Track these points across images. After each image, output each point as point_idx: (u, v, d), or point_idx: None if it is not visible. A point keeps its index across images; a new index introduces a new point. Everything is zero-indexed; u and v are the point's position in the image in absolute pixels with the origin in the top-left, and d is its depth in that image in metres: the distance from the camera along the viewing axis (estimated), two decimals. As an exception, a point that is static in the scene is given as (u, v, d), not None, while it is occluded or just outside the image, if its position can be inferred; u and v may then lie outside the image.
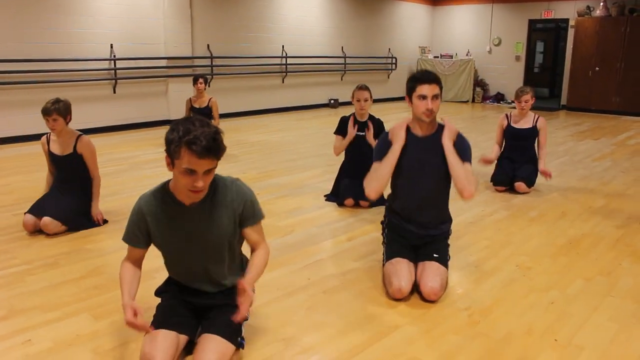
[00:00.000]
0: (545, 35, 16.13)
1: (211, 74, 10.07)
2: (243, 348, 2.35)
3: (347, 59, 12.95)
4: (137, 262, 2.38)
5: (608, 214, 4.64)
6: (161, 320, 2.29)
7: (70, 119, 4.14)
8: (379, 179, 2.99)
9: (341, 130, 4.72)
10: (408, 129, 3.05)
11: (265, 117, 10.96)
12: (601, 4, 12.36)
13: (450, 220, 3.24)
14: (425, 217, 3.10)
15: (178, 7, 9.42)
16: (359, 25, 13.33)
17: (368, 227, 4.19)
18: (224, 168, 6.05)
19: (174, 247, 2.30)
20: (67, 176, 4.17)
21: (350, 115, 4.71)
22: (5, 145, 7.51)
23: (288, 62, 11.61)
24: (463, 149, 2.98)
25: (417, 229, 3.12)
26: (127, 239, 2.32)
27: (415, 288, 3.01)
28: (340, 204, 4.70)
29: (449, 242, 3.22)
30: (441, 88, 2.96)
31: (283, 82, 11.66)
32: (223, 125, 7.47)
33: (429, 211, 3.10)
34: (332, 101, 12.55)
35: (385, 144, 3.04)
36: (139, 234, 2.29)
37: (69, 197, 4.09)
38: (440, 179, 3.04)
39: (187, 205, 2.20)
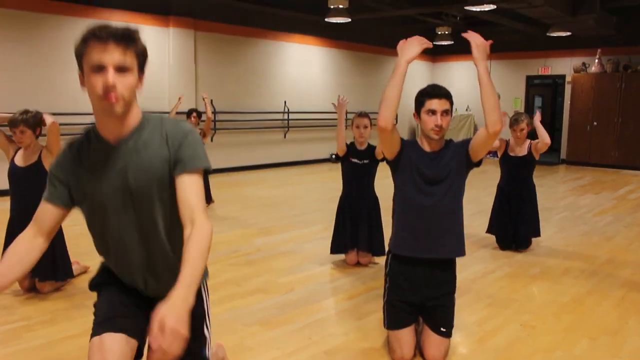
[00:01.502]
0: (543, 91, 16.40)
1: (214, 129, 10.20)
2: None
3: (348, 114, 13.10)
4: (41, 231, 1.80)
5: (612, 270, 4.61)
6: (104, 320, 1.84)
7: (40, 132, 3.75)
8: (387, 104, 2.69)
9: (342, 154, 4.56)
10: (416, 144, 2.89)
11: (267, 171, 11.04)
12: (596, 60, 12.64)
13: (463, 246, 2.92)
14: (434, 234, 2.84)
15: (183, 63, 9.65)
16: (360, 81, 13.59)
17: (370, 285, 4.15)
18: (226, 222, 6.06)
19: (100, 203, 1.78)
20: (24, 200, 3.71)
21: (351, 143, 4.58)
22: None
23: (290, 118, 11.78)
24: (467, 140, 2.81)
25: (425, 251, 2.83)
26: (47, 195, 1.80)
27: (418, 346, 2.96)
28: (342, 252, 4.63)
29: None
30: (452, 103, 2.78)
31: (285, 137, 11.80)
32: (226, 180, 7.54)
33: (440, 227, 2.84)
34: (333, 156, 12.63)
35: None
36: (57, 183, 1.79)
37: None
38: (451, 194, 2.81)
39: (112, 143, 1.76)
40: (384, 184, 3.53)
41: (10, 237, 3.87)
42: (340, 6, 10.23)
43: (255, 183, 9.43)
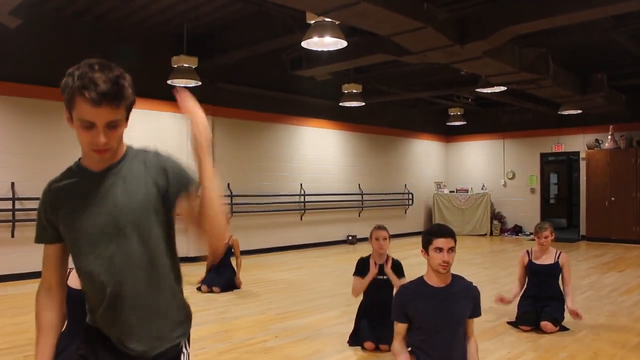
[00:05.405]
0: (558, 167, 16.46)
1: (231, 212, 10.28)
2: None
3: (364, 195, 13.22)
4: (56, 274, 1.92)
5: (642, 354, 4.42)
6: None
7: None
8: None
9: (360, 271, 4.70)
10: (424, 282, 3.14)
11: (284, 254, 11.00)
12: (609, 136, 12.72)
13: None
14: None
15: (201, 150, 9.87)
16: (375, 162, 13.78)
17: (390, 373, 4.02)
18: (243, 307, 5.98)
19: (85, 235, 1.74)
20: (79, 317, 4.06)
21: (368, 256, 4.71)
22: (23, 281, 7.55)
23: (306, 200, 11.87)
24: (478, 301, 3.12)
25: None
26: (37, 237, 1.89)
27: None
28: (361, 347, 4.56)
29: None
30: (455, 241, 3.07)
31: (301, 219, 11.84)
32: (243, 262, 7.52)
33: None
34: (350, 237, 12.63)
35: (401, 302, 3.16)
36: (47, 225, 1.83)
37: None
38: (459, 326, 3.10)
39: (96, 170, 1.76)
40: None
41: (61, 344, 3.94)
42: (354, 91, 10.56)
43: (272, 266, 9.37)
